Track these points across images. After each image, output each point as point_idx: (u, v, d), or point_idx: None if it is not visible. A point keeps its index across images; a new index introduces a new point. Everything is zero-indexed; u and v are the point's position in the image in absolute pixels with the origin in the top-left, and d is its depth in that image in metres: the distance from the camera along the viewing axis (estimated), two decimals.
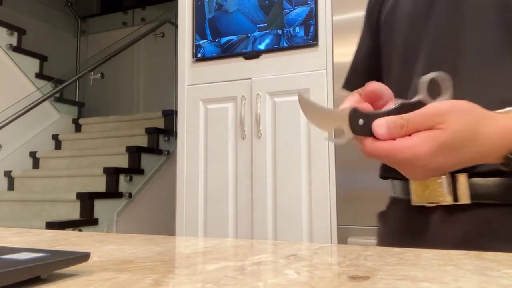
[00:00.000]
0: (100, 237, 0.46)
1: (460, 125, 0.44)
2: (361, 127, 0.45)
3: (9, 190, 3.34)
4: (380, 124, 0.44)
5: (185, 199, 2.08)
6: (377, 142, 0.44)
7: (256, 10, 2.04)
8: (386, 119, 0.44)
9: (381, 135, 0.44)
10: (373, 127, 0.44)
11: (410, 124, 0.43)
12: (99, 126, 3.92)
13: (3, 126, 3.14)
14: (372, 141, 0.44)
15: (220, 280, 0.25)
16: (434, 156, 0.43)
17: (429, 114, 0.44)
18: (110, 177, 3.04)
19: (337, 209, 1.77)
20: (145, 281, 0.24)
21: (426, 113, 0.44)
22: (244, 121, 1.99)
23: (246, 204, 1.95)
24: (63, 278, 0.25)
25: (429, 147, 0.43)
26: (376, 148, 0.44)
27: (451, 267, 0.28)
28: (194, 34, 2.16)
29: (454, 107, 0.45)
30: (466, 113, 0.45)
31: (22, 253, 0.26)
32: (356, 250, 0.36)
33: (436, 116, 0.44)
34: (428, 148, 0.43)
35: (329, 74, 1.85)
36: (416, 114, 0.44)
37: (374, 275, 0.26)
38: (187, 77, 2.16)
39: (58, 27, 4.53)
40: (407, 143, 0.43)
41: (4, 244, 0.40)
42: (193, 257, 0.34)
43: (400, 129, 0.43)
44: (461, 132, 0.44)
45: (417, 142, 0.43)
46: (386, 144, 0.44)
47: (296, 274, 0.26)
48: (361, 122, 0.45)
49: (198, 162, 2.07)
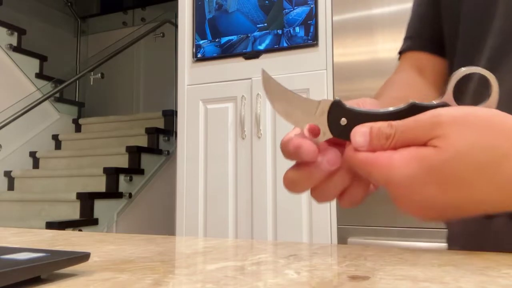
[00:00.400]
0: (100, 237, 0.46)
1: (468, 145, 0.31)
2: (342, 128, 0.35)
3: (9, 190, 3.34)
4: (360, 132, 0.34)
5: (185, 199, 2.08)
6: (356, 152, 0.34)
7: (256, 10, 2.04)
8: (372, 125, 0.34)
9: (359, 145, 0.34)
10: (352, 134, 0.35)
11: (397, 135, 0.33)
12: (99, 126, 3.92)
13: (3, 126, 3.14)
14: (350, 149, 0.35)
15: (220, 280, 0.25)
16: (417, 184, 0.32)
17: (424, 123, 0.32)
18: (110, 177, 3.04)
19: (337, 209, 1.77)
20: (145, 281, 0.24)
21: (421, 121, 0.33)
22: (244, 121, 1.99)
23: (246, 204, 1.95)
24: (63, 278, 0.25)
25: (410, 170, 0.32)
26: (352, 158, 0.35)
27: (451, 267, 0.28)
28: (194, 34, 2.16)
29: (463, 117, 0.32)
30: (483, 129, 0.31)
31: (22, 253, 0.26)
32: (356, 250, 0.36)
33: (432, 127, 0.32)
34: (408, 171, 0.32)
35: (329, 74, 1.85)
36: (409, 122, 0.33)
37: (374, 275, 0.26)
38: (187, 77, 2.16)
39: (58, 27, 4.53)
40: (384, 159, 0.33)
41: (4, 244, 0.40)
42: (193, 257, 0.34)
43: (385, 140, 0.33)
44: (469, 156, 0.31)
45: (396, 161, 0.32)
46: (364, 156, 0.34)
47: (296, 274, 0.26)
48: (343, 122, 0.35)
49: (198, 162, 2.07)
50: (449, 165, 0.31)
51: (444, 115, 0.32)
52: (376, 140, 0.34)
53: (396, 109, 0.35)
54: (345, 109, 0.35)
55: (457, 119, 0.32)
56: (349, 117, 0.35)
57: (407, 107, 0.34)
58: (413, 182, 0.32)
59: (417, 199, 0.32)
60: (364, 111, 0.35)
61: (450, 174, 0.31)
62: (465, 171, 0.31)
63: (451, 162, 0.31)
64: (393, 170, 0.32)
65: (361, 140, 0.34)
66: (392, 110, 0.35)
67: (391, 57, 1.72)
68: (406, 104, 0.35)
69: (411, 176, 0.32)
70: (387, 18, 1.74)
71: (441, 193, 0.32)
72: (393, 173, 0.32)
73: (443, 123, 0.31)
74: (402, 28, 0.69)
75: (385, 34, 1.74)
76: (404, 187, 0.32)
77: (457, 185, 0.31)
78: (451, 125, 0.31)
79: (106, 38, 4.44)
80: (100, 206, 2.91)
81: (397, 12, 1.73)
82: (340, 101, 0.35)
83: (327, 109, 0.35)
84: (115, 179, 3.06)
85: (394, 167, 0.32)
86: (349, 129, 0.35)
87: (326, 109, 0.35)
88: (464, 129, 0.31)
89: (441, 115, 0.32)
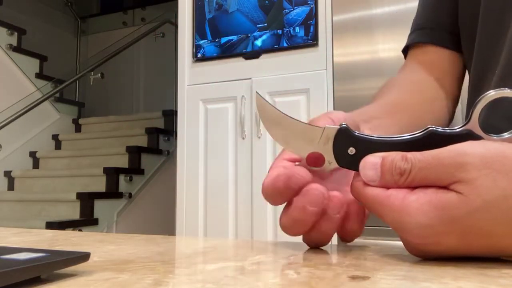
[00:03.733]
0: (100, 237, 0.46)
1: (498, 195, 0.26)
2: (350, 157, 0.31)
3: (9, 190, 3.34)
4: (370, 164, 0.30)
5: (185, 199, 2.08)
6: (366, 186, 0.30)
7: (256, 10, 2.04)
8: (385, 156, 0.30)
9: (369, 179, 0.30)
10: (361, 166, 0.31)
11: (414, 172, 0.28)
12: (99, 126, 3.92)
13: (3, 126, 3.14)
14: (359, 180, 0.31)
15: (220, 280, 0.25)
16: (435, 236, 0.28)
17: (447, 162, 0.27)
18: (110, 177, 3.04)
19: None
20: (145, 281, 0.24)
21: (443, 159, 0.28)
22: (244, 121, 1.99)
23: (246, 204, 1.95)
24: (63, 278, 0.25)
25: (427, 221, 0.27)
26: (361, 193, 0.31)
27: (451, 267, 0.28)
28: (194, 34, 2.16)
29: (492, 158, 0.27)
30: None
31: (22, 253, 0.26)
32: (356, 250, 0.36)
33: (457, 168, 0.27)
34: (426, 221, 0.27)
35: (329, 74, 1.85)
36: (428, 158, 0.28)
37: (374, 275, 0.26)
38: (187, 77, 2.16)
39: (58, 27, 4.53)
40: (398, 201, 0.28)
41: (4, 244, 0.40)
42: (193, 257, 0.34)
43: (399, 176, 0.29)
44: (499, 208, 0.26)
45: (412, 207, 0.28)
46: (375, 193, 0.30)
47: (296, 274, 0.26)
48: (351, 152, 0.31)
49: (198, 162, 2.07)
50: (475, 217, 0.26)
51: (470, 154, 0.27)
52: (388, 175, 0.29)
53: (412, 137, 0.31)
54: (353, 137, 0.31)
55: (486, 160, 0.27)
56: (357, 146, 0.31)
57: (425, 134, 0.30)
58: (431, 233, 0.27)
59: (433, 249, 0.28)
60: (375, 139, 0.31)
61: (475, 227, 0.27)
62: (494, 224, 0.26)
63: (477, 214, 0.26)
64: (407, 216, 0.28)
65: (372, 174, 0.30)
66: (407, 138, 0.31)
67: (391, 57, 1.72)
68: (423, 131, 0.30)
69: (428, 227, 0.27)
70: (387, 18, 1.74)
71: (462, 244, 0.28)
72: (407, 220, 0.28)
73: (469, 164, 0.27)
74: (402, 28, 0.69)
75: (385, 34, 1.74)
76: (419, 237, 0.28)
77: (483, 236, 0.27)
78: (479, 169, 0.26)
79: (106, 38, 4.44)
80: (100, 206, 2.91)
81: (397, 12, 1.73)
82: (347, 127, 0.32)
83: (332, 136, 0.32)
84: (115, 179, 3.06)
85: (409, 214, 0.28)
86: (358, 159, 0.31)
87: (332, 137, 0.32)
88: (494, 174, 0.26)
89: (467, 155, 0.27)
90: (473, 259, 0.29)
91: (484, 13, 0.52)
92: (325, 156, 0.32)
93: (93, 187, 3.05)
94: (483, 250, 0.28)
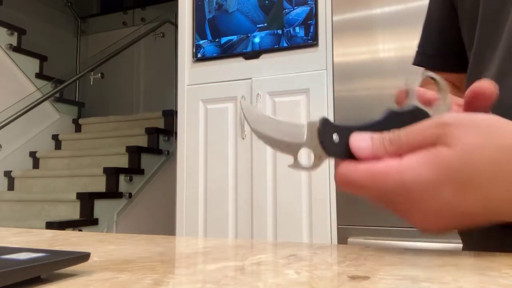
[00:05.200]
0: (100, 237, 0.46)
1: (481, 143, 0.29)
2: (335, 146, 0.32)
3: (9, 190, 3.34)
4: (360, 137, 0.32)
5: (185, 199, 2.08)
6: (356, 165, 0.31)
7: (256, 10, 2.04)
8: (371, 134, 0.32)
9: (362, 151, 0.31)
10: (351, 142, 0.32)
11: (403, 138, 0.31)
12: (99, 126, 3.92)
13: (3, 126, 3.14)
14: (348, 164, 0.31)
15: (220, 280, 0.25)
16: (433, 188, 0.29)
17: (429, 125, 0.31)
18: (110, 177, 3.04)
19: (337, 209, 1.77)
20: (145, 281, 0.24)
21: (425, 123, 0.31)
22: (244, 121, 1.99)
23: (246, 204, 1.95)
24: (63, 278, 0.25)
25: (425, 172, 0.29)
26: (354, 172, 0.31)
27: (451, 267, 0.28)
28: (194, 34, 2.16)
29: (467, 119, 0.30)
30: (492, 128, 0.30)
31: (22, 253, 0.26)
32: (356, 250, 0.36)
33: (439, 126, 0.30)
34: (423, 173, 0.29)
35: (329, 74, 1.85)
36: (412, 127, 0.31)
37: (374, 275, 0.26)
38: (187, 77, 2.16)
39: (58, 27, 4.53)
40: (395, 164, 0.30)
41: (4, 244, 0.40)
42: (193, 257, 0.34)
43: (389, 144, 0.31)
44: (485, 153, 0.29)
45: (410, 164, 0.29)
46: (367, 167, 0.30)
47: (296, 274, 0.26)
48: (335, 139, 0.32)
49: (198, 162, 2.07)
50: (465, 163, 0.29)
51: (448, 117, 0.31)
52: (378, 145, 0.31)
53: (380, 119, 0.33)
54: (335, 126, 0.33)
55: (463, 120, 0.30)
56: (340, 132, 0.32)
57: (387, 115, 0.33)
58: (429, 186, 0.29)
59: (432, 205, 0.29)
60: (352, 125, 0.33)
61: (467, 173, 0.29)
62: (482, 171, 0.29)
63: (467, 159, 0.29)
64: (405, 174, 0.29)
65: (364, 145, 0.31)
66: (377, 120, 0.33)
67: (391, 57, 1.72)
68: (385, 113, 0.33)
69: (426, 179, 0.29)
70: (387, 18, 1.74)
71: (458, 196, 0.29)
72: (406, 178, 0.29)
73: (449, 123, 0.30)
74: (402, 28, 0.69)
75: (385, 34, 1.74)
76: (419, 191, 0.29)
77: (475, 186, 0.29)
78: (458, 125, 0.30)
79: (106, 38, 4.44)
80: (100, 206, 2.91)
81: (397, 12, 1.72)
82: (327, 119, 0.33)
83: (315, 130, 0.33)
84: (115, 179, 3.06)
85: (407, 171, 0.29)
86: (343, 145, 0.32)
87: (315, 130, 0.33)
88: (474, 128, 0.30)
89: (445, 117, 0.31)
90: (473, 259, 0.29)
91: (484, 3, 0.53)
92: (312, 150, 0.33)
93: (93, 187, 3.05)
94: (479, 209, 0.29)
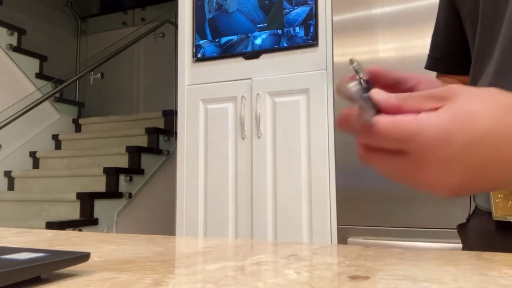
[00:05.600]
0: (100, 237, 0.46)
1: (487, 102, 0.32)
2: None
3: (9, 190, 3.34)
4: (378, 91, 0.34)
5: (185, 199, 2.08)
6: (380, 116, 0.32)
7: (256, 10, 2.04)
8: None
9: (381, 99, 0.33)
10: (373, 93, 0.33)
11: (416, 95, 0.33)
12: (99, 126, 3.92)
13: (3, 126, 3.14)
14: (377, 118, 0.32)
15: (220, 280, 0.25)
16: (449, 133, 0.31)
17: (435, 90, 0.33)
18: (110, 177, 3.04)
19: (337, 209, 1.77)
20: (145, 281, 0.24)
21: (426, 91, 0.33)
22: (244, 121, 1.99)
23: (246, 204, 1.95)
24: (63, 278, 0.25)
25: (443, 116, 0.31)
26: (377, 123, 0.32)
27: (451, 267, 0.28)
28: (194, 34, 2.16)
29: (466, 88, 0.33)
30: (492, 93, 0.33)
31: (22, 253, 0.26)
32: (356, 250, 0.36)
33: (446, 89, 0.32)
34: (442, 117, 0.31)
35: (329, 74, 1.85)
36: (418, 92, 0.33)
37: (374, 275, 0.26)
38: (187, 77, 2.16)
39: (58, 27, 4.53)
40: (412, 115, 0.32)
41: (4, 244, 0.40)
42: (193, 257, 0.34)
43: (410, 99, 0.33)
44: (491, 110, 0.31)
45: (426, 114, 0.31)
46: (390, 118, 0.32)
47: (296, 274, 0.26)
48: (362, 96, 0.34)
49: (198, 162, 2.07)
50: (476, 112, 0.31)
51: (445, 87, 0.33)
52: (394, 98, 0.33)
53: None
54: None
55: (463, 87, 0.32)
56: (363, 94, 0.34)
57: None
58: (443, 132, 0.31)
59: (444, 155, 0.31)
60: None
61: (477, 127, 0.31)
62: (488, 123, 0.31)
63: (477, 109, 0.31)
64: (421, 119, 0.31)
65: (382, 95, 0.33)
66: None
67: (391, 57, 1.72)
68: None
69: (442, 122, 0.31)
70: (387, 18, 1.74)
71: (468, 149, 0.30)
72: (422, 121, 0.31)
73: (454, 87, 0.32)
74: (402, 28, 0.69)
75: (385, 34, 1.74)
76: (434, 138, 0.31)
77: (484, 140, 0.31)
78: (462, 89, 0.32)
79: (106, 38, 4.44)
80: (100, 206, 2.91)
81: (397, 12, 1.72)
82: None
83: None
84: (115, 179, 3.06)
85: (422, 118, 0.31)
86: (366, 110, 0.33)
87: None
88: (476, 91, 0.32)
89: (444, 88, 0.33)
90: (473, 259, 0.29)
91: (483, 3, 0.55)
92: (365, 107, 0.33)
93: (93, 187, 3.05)
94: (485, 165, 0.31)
